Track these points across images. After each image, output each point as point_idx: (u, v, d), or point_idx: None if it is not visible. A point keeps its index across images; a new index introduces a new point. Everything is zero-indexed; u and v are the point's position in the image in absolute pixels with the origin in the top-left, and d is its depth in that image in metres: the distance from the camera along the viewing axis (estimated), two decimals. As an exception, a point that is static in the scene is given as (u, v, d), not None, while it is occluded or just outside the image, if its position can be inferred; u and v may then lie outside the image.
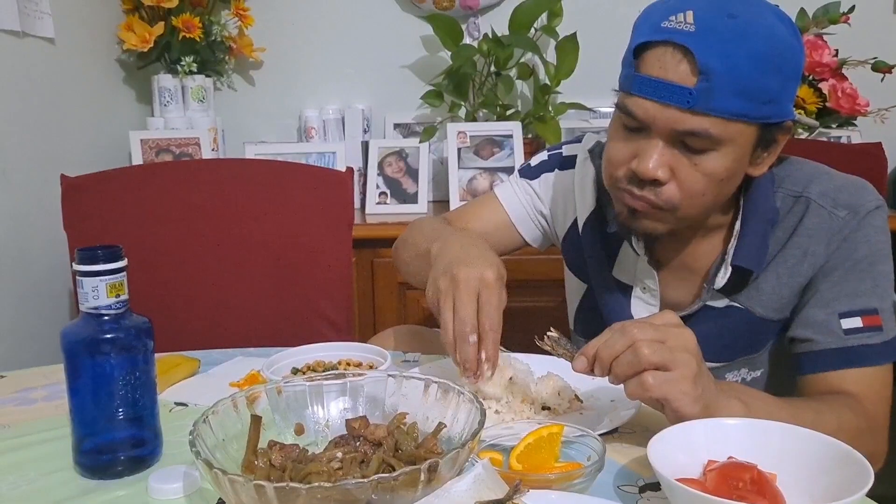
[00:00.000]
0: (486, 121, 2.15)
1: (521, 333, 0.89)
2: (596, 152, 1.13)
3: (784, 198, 1.00)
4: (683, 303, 1.05)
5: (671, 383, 0.73)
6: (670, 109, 0.86)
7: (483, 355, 0.84)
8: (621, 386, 0.76)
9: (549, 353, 0.84)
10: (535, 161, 1.22)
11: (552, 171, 1.19)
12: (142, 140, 2.02)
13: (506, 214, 1.20)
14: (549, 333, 0.83)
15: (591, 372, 0.78)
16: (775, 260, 0.99)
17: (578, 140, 1.19)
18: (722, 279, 0.99)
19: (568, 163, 1.18)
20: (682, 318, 0.81)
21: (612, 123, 0.97)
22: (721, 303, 1.02)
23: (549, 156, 1.21)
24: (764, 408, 0.81)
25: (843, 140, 2.00)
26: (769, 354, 1.07)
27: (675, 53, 0.85)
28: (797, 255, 0.98)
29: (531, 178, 1.20)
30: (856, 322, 0.94)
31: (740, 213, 0.99)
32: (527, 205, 1.20)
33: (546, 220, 1.21)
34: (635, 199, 0.93)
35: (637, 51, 0.89)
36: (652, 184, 0.90)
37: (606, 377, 0.77)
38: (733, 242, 0.98)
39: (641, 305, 1.08)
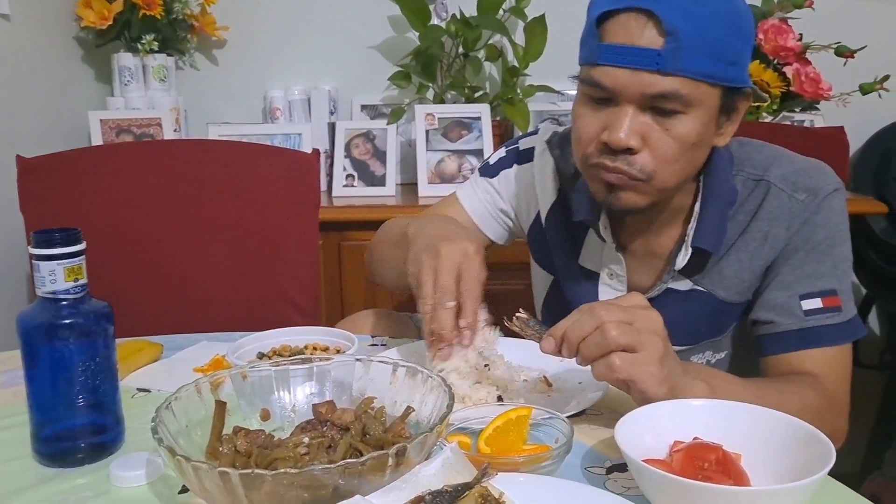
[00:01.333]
0: (455, 103, 2.14)
1: (490, 316, 0.90)
2: (554, 143, 1.13)
3: (745, 181, 1.01)
4: (649, 287, 1.05)
5: (638, 365, 0.74)
6: (639, 74, 0.86)
7: (462, 322, 0.84)
8: (588, 368, 0.77)
9: (518, 335, 0.84)
10: (493, 159, 1.22)
11: (511, 166, 1.19)
12: (101, 120, 1.97)
13: (469, 218, 1.19)
14: (517, 314, 0.83)
15: (558, 353, 0.78)
16: (737, 243, 1.00)
17: (535, 132, 1.19)
18: (682, 260, 1.00)
19: (526, 156, 1.18)
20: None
21: (576, 102, 0.96)
22: (684, 286, 1.03)
23: (506, 152, 1.21)
24: (728, 388, 0.82)
25: (807, 124, 2.02)
26: (732, 337, 1.08)
27: (639, 18, 0.86)
28: (758, 238, 0.99)
29: (491, 177, 1.20)
30: (816, 303, 0.96)
31: (699, 195, 1.00)
32: (488, 205, 1.20)
33: (509, 217, 1.21)
34: (610, 173, 0.92)
35: (599, 21, 0.89)
36: (625, 153, 0.90)
37: (574, 358, 0.77)
38: (692, 224, 0.99)
39: (609, 292, 1.08)
